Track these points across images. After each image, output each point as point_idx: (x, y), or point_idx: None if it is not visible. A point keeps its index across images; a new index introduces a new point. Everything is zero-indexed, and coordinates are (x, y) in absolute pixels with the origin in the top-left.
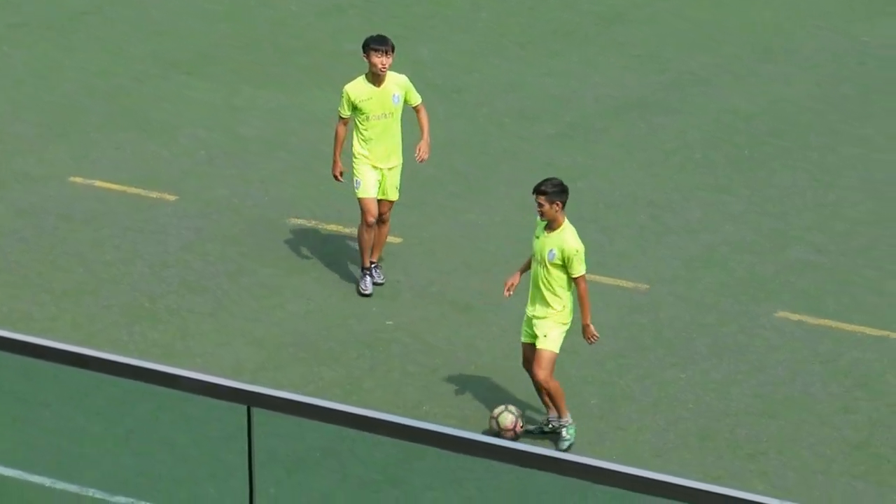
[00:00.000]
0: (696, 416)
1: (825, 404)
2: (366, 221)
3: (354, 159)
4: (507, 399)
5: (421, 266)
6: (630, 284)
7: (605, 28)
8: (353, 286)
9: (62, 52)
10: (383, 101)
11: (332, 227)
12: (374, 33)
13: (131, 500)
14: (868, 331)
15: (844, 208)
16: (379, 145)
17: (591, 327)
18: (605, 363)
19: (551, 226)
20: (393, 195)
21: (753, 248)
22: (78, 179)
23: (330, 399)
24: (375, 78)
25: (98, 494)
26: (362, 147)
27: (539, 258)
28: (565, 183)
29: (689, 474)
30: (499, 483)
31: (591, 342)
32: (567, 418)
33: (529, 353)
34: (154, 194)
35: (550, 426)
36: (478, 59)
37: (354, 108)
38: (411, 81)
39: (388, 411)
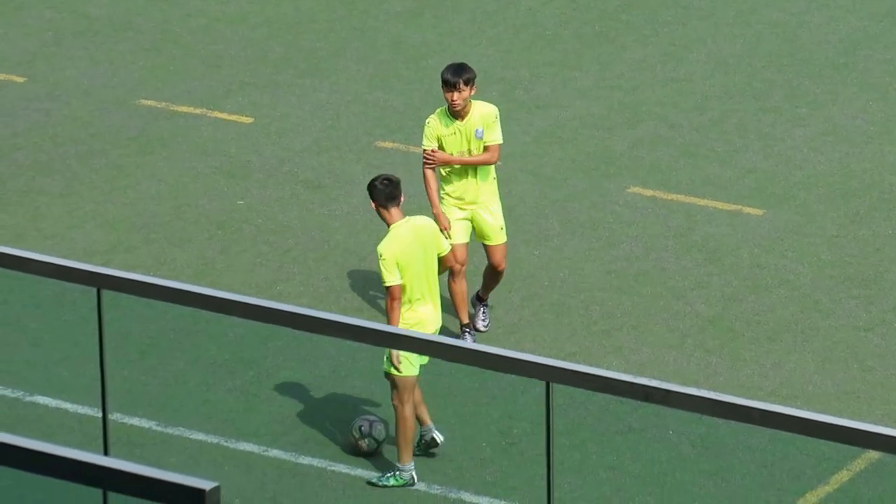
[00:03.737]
0: (549, 292)
1: (678, 279)
2: (451, 269)
3: (441, 200)
4: (359, 280)
5: (272, 146)
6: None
7: None
8: (205, 165)
9: None
10: (467, 136)
11: (183, 108)
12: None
13: None
14: (720, 205)
15: (694, 83)
16: (463, 183)
17: (394, 353)
18: None
19: None
20: (498, 238)
21: (604, 123)
22: None
23: (182, 280)
24: (455, 112)
25: None
26: (446, 185)
27: None
28: (382, 179)
29: (543, 351)
30: (353, 362)
31: (394, 370)
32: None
33: None
34: (1, 76)
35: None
36: None
37: (438, 142)
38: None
39: (240, 292)
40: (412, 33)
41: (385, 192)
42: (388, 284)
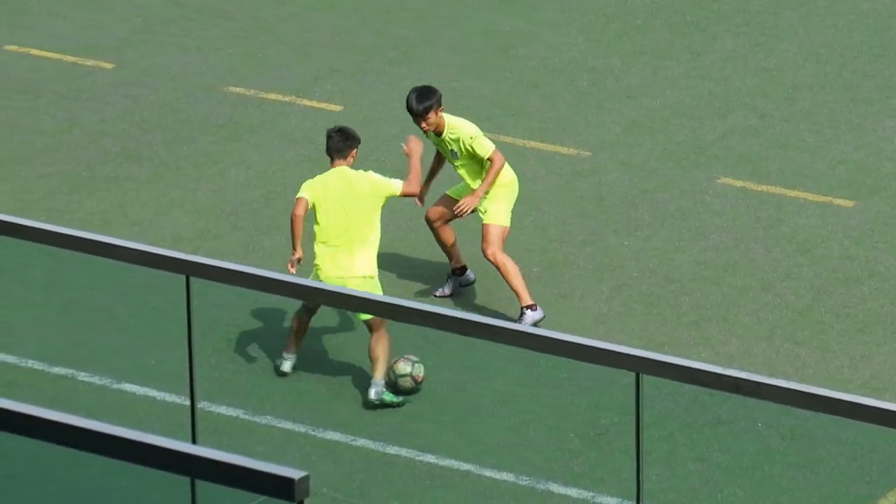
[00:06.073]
0: (639, 283)
1: (768, 271)
2: (427, 221)
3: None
4: (446, 269)
5: (361, 133)
6: (572, 151)
7: None
8: (293, 152)
9: None
10: (445, 151)
11: (272, 96)
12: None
13: (70, 370)
14: (810, 197)
15: (786, 73)
16: (463, 186)
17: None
18: (548, 230)
19: None
20: (484, 218)
21: (694, 113)
22: (13, 48)
23: (270, 268)
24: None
25: (37, 365)
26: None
27: None
28: (347, 130)
29: (632, 342)
30: (440, 350)
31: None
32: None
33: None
34: (90, 62)
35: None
36: None
37: None
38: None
39: None
40: (503, 22)
41: (331, 144)
42: (296, 195)
